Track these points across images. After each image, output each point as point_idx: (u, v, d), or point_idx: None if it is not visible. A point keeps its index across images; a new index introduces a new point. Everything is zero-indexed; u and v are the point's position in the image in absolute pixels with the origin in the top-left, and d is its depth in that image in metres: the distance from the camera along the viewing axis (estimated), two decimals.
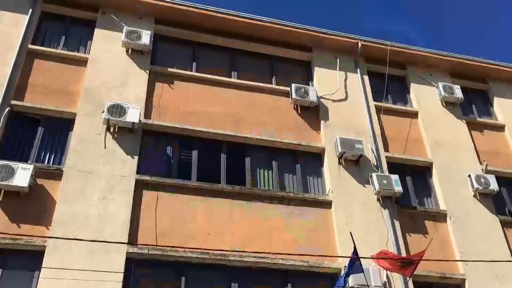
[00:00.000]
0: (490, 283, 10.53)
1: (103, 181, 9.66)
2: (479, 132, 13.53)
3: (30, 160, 9.81)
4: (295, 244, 10.04)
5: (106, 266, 8.65)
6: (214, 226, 9.88)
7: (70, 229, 8.92)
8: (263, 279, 9.67)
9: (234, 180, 10.73)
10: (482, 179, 11.87)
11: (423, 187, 12.16)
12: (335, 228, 10.51)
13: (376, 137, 12.17)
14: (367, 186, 11.26)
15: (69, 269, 8.38)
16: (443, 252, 10.84)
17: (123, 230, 9.20)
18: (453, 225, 11.27)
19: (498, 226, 11.53)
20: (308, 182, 11.40)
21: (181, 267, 9.34)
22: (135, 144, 10.35)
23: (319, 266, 9.94)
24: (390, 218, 10.85)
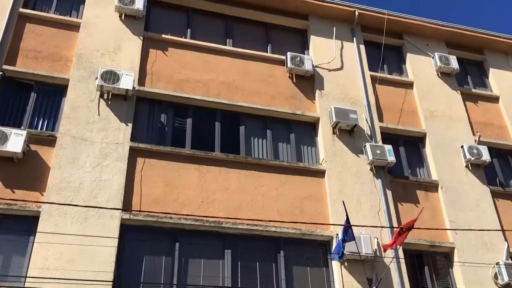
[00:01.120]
0: (478, 251, 10.75)
1: (97, 148, 9.65)
2: (473, 103, 13.56)
3: (23, 126, 9.76)
4: (288, 212, 10.16)
5: (101, 232, 8.74)
6: (208, 193, 9.94)
7: (64, 195, 8.96)
8: (256, 246, 9.80)
9: (228, 148, 10.75)
10: (474, 150, 11.96)
11: (416, 158, 12.25)
12: (328, 197, 10.62)
13: (370, 107, 12.16)
14: (360, 156, 11.32)
15: (63, 234, 8.46)
16: (433, 221, 11.01)
17: (117, 196, 9.25)
18: (444, 195, 11.42)
19: (488, 196, 11.69)
20: (302, 151, 11.44)
21: (175, 233, 9.45)
22: (129, 111, 10.29)
23: (311, 234, 10.08)
24: (382, 188, 10.97)
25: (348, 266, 9.75)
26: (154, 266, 9.08)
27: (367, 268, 9.75)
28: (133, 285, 8.71)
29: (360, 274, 9.68)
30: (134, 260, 8.97)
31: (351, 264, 9.76)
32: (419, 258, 10.71)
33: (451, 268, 10.71)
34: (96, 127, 9.88)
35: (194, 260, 9.35)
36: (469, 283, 10.22)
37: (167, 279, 9.02)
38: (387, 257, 9.90)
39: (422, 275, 10.53)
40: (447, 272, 10.70)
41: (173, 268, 9.13)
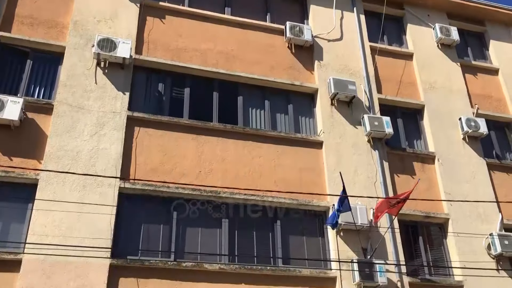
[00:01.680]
0: (472, 223, 10.89)
1: (94, 117, 9.61)
2: (472, 75, 13.49)
3: (20, 94, 9.69)
4: (285, 182, 10.22)
5: (99, 200, 8.80)
6: (205, 163, 9.98)
7: (62, 163, 8.98)
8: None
9: (226, 118, 10.72)
10: (472, 122, 11.97)
11: (414, 129, 12.26)
12: (325, 168, 10.66)
13: (369, 78, 12.09)
14: (358, 128, 11.32)
15: (62, 202, 8.52)
16: (429, 192, 11.11)
17: (115, 165, 9.27)
18: (440, 167, 11.49)
19: (484, 169, 11.77)
20: (300, 122, 11.43)
21: (172, 202, 9.52)
22: (126, 80, 10.21)
23: (308, 204, 10.17)
24: (379, 159, 11.01)
25: (344, 236, 9.89)
26: (152, 234, 9.19)
27: (363, 238, 9.88)
28: (131, 252, 8.83)
29: (355, 243, 9.82)
30: (132, 228, 9.07)
31: (347, 233, 9.89)
32: (414, 229, 10.86)
33: (445, 238, 10.87)
34: (93, 95, 9.82)
35: (192, 228, 9.46)
36: (462, 253, 10.38)
37: (165, 246, 9.14)
38: (383, 227, 10.03)
39: (416, 245, 10.69)
40: (441, 243, 10.86)
41: (171, 236, 9.24)
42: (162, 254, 9.05)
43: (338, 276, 9.49)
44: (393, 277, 9.72)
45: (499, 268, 10.46)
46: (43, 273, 8.03)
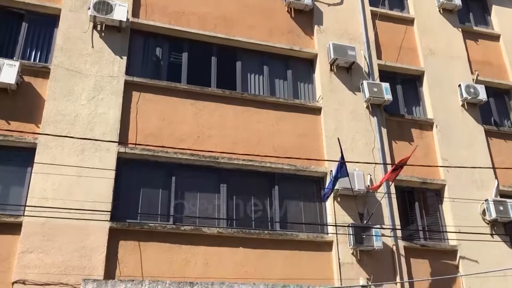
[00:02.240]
0: (468, 189, 11.00)
1: (91, 81, 9.54)
2: (473, 41, 13.33)
3: (16, 57, 9.57)
4: (284, 148, 10.24)
5: (98, 165, 8.83)
6: (204, 129, 9.97)
7: (60, 127, 8.96)
8: (251, 181, 9.98)
9: (224, 84, 10.65)
10: (471, 89, 11.92)
11: (413, 96, 12.21)
12: (324, 134, 10.67)
13: (369, 44, 11.95)
14: (357, 94, 11.27)
15: (61, 165, 8.55)
16: (426, 158, 11.17)
17: (114, 130, 9.26)
18: (438, 133, 11.51)
19: (482, 136, 11.79)
20: (299, 88, 11.37)
21: (171, 167, 9.56)
22: (123, 44, 10.08)
23: (305, 170, 10.23)
24: (378, 126, 11.02)
25: (341, 201, 10.00)
26: (151, 198, 9.27)
27: (359, 203, 10.00)
28: (131, 216, 8.93)
29: (352, 208, 9.94)
30: (131, 192, 9.14)
31: (344, 199, 10.00)
32: (410, 194, 10.97)
33: (440, 204, 11.00)
34: (90, 59, 9.71)
35: (190, 193, 9.54)
36: (457, 219, 10.53)
37: (164, 211, 9.24)
38: (379, 192, 10.13)
39: (412, 211, 10.83)
40: (437, 208, 11.00)
41: (170, 200, 9.32)
42: (161, 218, 9.16)
43: (334, 240, 9.64)
44: (388, 242, 9.89)
45: (493, 233, 10.65)
46: (43, 235, 8.14)
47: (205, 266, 8.84)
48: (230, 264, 8.97)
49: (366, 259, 9.63)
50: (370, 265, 9.59)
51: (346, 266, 9.49)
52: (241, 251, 9.17)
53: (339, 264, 9.47)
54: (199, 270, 8.76)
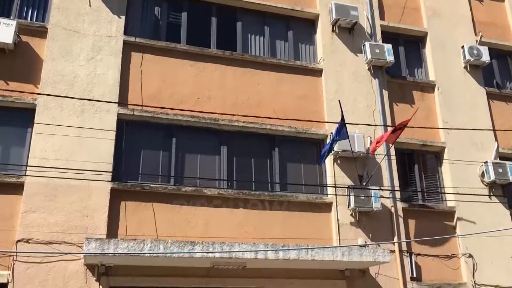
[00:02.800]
0: (468, 151, 11.02)
1: (89, 41, 9.41)
2: (478, 2, 13.06)
3: (12, 16, 9.39)
4: (284, 110, 10.20)
5: (98, 126, 8.81)
6: (204, 90, 9.90)
7: (59, 88, 8.90)
8: (251, 143, 9.99)
9: (224, 45, 10.51)
10: (475, 50, 11.76)
11: (415, 58, 12.06)
12: (324, 96, 10.61)
13: (372, 3, 11.71)
14: (359, 55, 11.14)
15: (61, 126, 8.55)
16: (427, 121, 11.15)
17: (113, 91, 9.20)
18: (440, 95, 11.44)
19: (483, 98, 11.72)
20: (300, 49, 11.22)
21: (171, 129, 9.56)
22: (121, 3, 9.89)
23: (306, 132, 10.23)
24: (379, 88, 10.94)
25: (341, 163, 10.04)
26: (151, 160, 9.30)
27: (359, 165, 10.04)
28: (132, 177, 8.98)
29: (351, 170, 10.00)
30: (132, 154, 9.17)
31: (344, 161, 10.04)
32: (410, 157, 11.01)
33: (440, 166, 11.05)
34: (87, 19, 9.55)
35: (191, 155, 9.57)
36: (456, 180, 10.60)
37: (165, 172, 9.29)
38: (379, 154, 10.16)
39: (411, 173, 10.89)
40: (436, 171, 11.05)
41: (170, 161, 9.36)
42: (162, 179, 9.21)
43: (333, 202, 9.74)
44: (387, 203, 9.99)
45: (491, 195, 10.74)
46: (45, 196, 8.22)
47: (206, 226, 8.96)
48: (230, 225, 9.09)
49: (365, 220, 9.76)
50: (368, 226, 9.73)
51: (345, 227, 9.62)
52: (241, 212, 9.28)
53: (338, 225, 9.60)
54: (200, 230, 8.88)
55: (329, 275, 9.21)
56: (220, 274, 8.61)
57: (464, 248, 10.18)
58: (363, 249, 8.58)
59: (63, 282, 7.86)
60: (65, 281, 7.87)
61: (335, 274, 9.25)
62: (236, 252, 7.77)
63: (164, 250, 7.48)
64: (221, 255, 7.73)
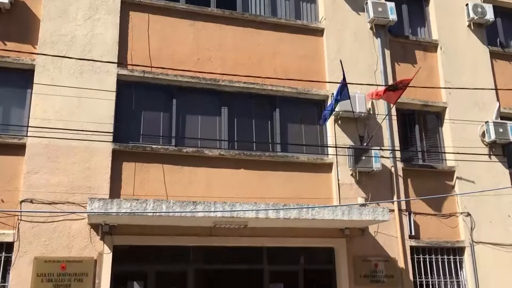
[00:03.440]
0: (469, 111, 10.99)
1: (86, 0, 9.23)
2: None
3: None
4: (285, 70, 10.11)
5: (98, 86, 8.77)
6: (204, 51, 9.79)
7: (58, 48, 8.79)
8: (252, 104, 9.96)
9: (224, 3, 10.31)
10: (479, 8, 11.53)
11: (418, 16, 11.84)
12: (326, 56, 10.49)
13: None
14: (361, 14, 10.94)
15: (61, 87, 8.50)
16: (429, 81, 11.06)
17: (112, 51, 9.10)
18: (442, 55, 11.31)
19: (486, 57, 11.58)
20: (301, 8, 11.02)
21: (171, 90, 9.51)
22: None
23: (307, 93, 10.17)
24: (381, 47, 10.80)
25: (342, 124, 10.04)
26: (152, 121, 9.30)
27: (360, 126, 10.04)
28: (133, 138, 9.00)
29: (352, 131, 10.00)
30: (132, 115, 9.16)
31: (345, 122, 10.03)
32: (411, 117, 10.99)
33: (440, 127, 11.05)
34: None
35: (192, 116, 9.56)
36: (456, 140, 10.63)
37: (166, 133, 9.30)
38: (380, 114, 10.14)
39: (412, 133, 10.90)
40: (437, 131, 11.06)
41: (171, 122, 9.36)
42: (163, 141, 9.24)
43: (334, 162, 9.80)
44: (387, 163, 10.05)
45: (491, 154, 10.79)
46: (47, 157, 8.26)
47: (207, 187, 9.04)
48: (231, 185, 9.17)
49: (365, 180, 9.84)
50: (368, 186, 9.82)
51: (345, 187, 9.71)
52: (242, 172, 9.35)
53: (338, 184, 9.69)
54: (202, 190, 8.97)
55: (329, 234, 9.37)
56: (222, 233, 8.77)
57: (463, 207, 10.32)
58: (363, 208, 8.69)
59: (67, 241, 8.01)
60: (69, 240, 8.03)
61: (335, 233, 9.41)
62: (238, 212, 7.87)
63: (166, 209, 7.58)
64: (222, 215, 7.84)
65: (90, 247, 8.09)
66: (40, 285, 7.69)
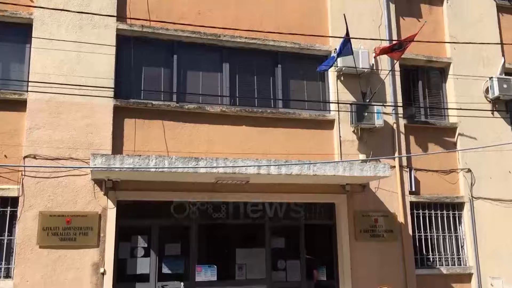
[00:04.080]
0: (474, 67, 10.85)
1: None
2: None
3: None
4: (287, 26, 9.91)
5: (97, 41, 8.64)
6: (204, 4, 9.58)
7: (55, 2, 8.60)
8: (254, 60, 9.83)
9: None
10: None
11: None
12: (329, 11, 10.28)
13: None
14: None
15: (60, 41, 8.39)
16: (434, 35, 10.86)
17: (111, 5, 8.93)
18: (448, 9, 11.06)
19: (493, 11, 11.33)
20: None
21: (172, 45, 9.37)
22: None
23: (309, 48, 10.02)
24: (385, 1, 10.55)
25: (344, 80, 9.94)
26: (153, 77, 9.22)
27: (363, 82, 9.95)
28: (134, 94, 8.95)
29: (355, 87, 9.92)
30: (133, 70, 9.07)
31: (347, 78, 9.94)
32: (414, 73, 10.87)
33: (444, 83, 10.95)
34: None
35: (193, 72, 9.46)
36: (459, 96, 10.55)
37: (167, 89, 9.24)
38: (383, 69, 10.02)
39: (415, 90, 10.81)
40: (440, 87, 10.97)
41: (172, 79, 9.28)
42: (164, 97, 9.18)
43: (336, 119, 9.77)
44: (389, 120, 10.03)
45: (494, 110, 10.75)
46: (49, 112, 8.25)
47: (209, 143, 9.07)
48: (233, 142, 9.19)
49: (367, 136, 9.84)
50: (370, 142, 9.83)
51: (347, 144, 9.72)
52: (244, 129, 9.35)
53: (340, 141, 9.71)
54: (203, 146, 9.00)
55: (330, 190, 9.46)
56: (224, 189, 8.85)
57: (464, 163, 10.36)
58: (364, 164, 8.72)
59: (72, 196, 8.12)
60: (74, 195, 8.13)
61: (336, 189, 9.51)
62: (240, 168, 7.92)
63: (169, 165, 7.62)
64: (224, 170, 7.89)
65: (94, 202, 8.20)
66: (46, 238, 7.85)
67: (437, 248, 10.12)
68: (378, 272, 9.31)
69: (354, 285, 9.21)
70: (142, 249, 8.67)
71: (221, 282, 8.89)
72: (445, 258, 10.13)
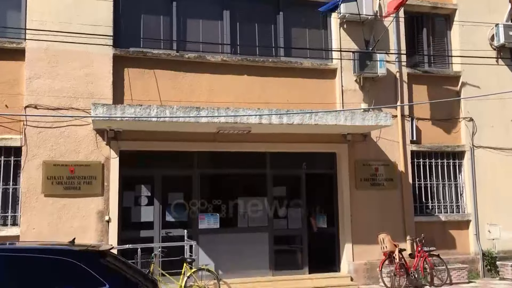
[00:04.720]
0: (479, 13, 10.52)
1: None
2: None
3: None
4: None
5: None
6: None
7: None
8: (255, 7, 9.61)
9: None
10: None
11: None
12: None
13: None
14: None
15: None
16: None
17: None
18: None
19: None
20: None
21: None
22: None
23: None
24: None
25: (347, 28, 9.76)
26: (152, 26, 9.04)
27: (366, 30, 9.77)
28: (134, 43, 8.80)
29: (358, 35, 9.75)
30: (132, 18, 8.88)
31: (350, 25, 9.75)
32: (419, 20, 10.65)
33: (449, 30, 10.75)
34: None
35: (193, 20, 9.27)
36: (464, 43, 10.39)
37: (167, 37, 9.08)
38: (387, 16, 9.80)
39: (419, 37, 10.62)
40: (445, 34, 10.77)
41: (172, 27, 9.10)
42: (164, 46, 9.02)
43: (338, 68, 9.66)
44: (392, 68, 9.91)
45: (498, 57, 10.59)
46: (48, 62, 8.15)
47: (210, 92, 9.00)
48: (234, 91, 9.12)
49: (369, 85, 9.76)
50: (372, 91, 9.76)
51: (349, 93, 9.65)
52: (245, 78, 9.26)
53: (342, 90, 9.63)
54: (204, 96, 8.95)
55: (332, 139, 9.48)
56: (225, 139, 8.87)
57: (466, 112, 10.34)
58: (366, 113, 8.70)
59: (74, 146, 8.15)
60: (76, 145, 8.16)
61: (337, 138, 9.53)
62: (241, 117, 7.90)
63: (170, 115, 7.60)
64: (226, 120, 7.87)
65: (97, 152, 8.25)
66: (51, 187, 7.95)
67: (437, 196, 10.25)
68: (377, 220, 9.48)
69: (354, 232, 9.40)
70: (146, 198, 8.81)
71: (224, 230, 9.08)
72: (444, 206, 10.29)
